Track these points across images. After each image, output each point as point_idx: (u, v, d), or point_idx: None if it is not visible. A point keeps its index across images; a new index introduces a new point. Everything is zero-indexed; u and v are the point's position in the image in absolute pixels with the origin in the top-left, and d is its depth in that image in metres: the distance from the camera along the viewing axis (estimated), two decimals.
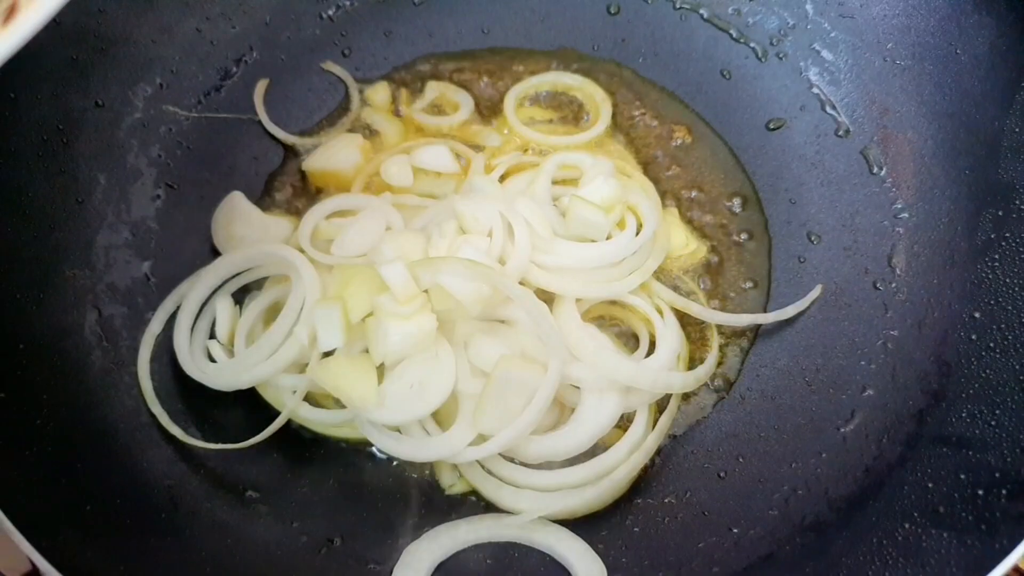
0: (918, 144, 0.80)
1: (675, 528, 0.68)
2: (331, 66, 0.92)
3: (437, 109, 0.92)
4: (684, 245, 0.81)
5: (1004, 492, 0.56)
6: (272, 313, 0.76)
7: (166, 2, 0.85)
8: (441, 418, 0.70)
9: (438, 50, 0.95)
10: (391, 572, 0.65)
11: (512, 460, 0.69)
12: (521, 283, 0.71)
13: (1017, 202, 0.70)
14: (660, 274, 0.79)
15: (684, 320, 0.77)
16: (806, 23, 0.90)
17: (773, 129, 0.88)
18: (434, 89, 0.92)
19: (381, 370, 0.68)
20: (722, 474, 0.70)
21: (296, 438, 0.72)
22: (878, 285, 0.76)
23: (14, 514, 0.54)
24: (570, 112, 0.91)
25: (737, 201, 0.85)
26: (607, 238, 0.76)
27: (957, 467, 0.60)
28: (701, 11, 0.94)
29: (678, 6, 0.95)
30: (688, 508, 0.69)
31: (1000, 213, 0.71)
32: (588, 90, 0.91)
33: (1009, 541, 0.53)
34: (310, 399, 0.72)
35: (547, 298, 0.72)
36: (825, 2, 0.89)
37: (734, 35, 0.93)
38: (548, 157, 0.84)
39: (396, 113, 0.91)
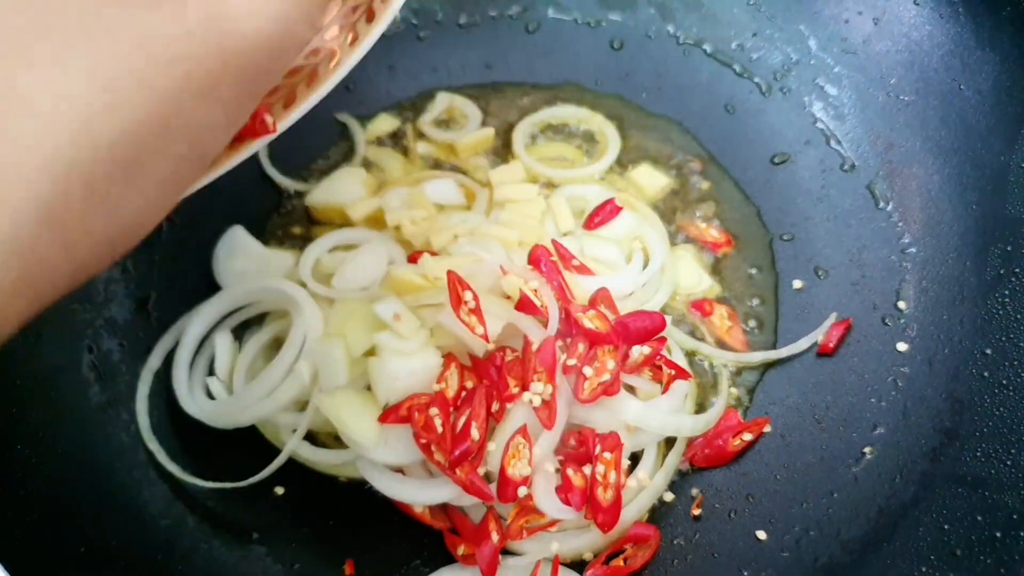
0: (924, 179, 0.80)
1: (684, 570, 0.66)
2: (343, 116, 0.92)
3: (447, 124, 0.92)
4: (697, 283, 0.80)
5: (1023, 535, 0.55)
6: (273, 349, 0.75)
7: None
8: None
9: (441, 85, 0.95)
10: None
11: None
12: None
13: None
14: (668, 311, 0.78)
15: (692, 359, 0.76)
16: (809, 58, 0.90)
17: (778, 163, 0.87)
18: (443, 100, 0.93)
19: None
20: (732, 514, 0.69)
21: (297, 477, 0.70)
22: (887, 321, 0.75)
23: (6, 556, 0.53)
24: (577, 145, 0.91)
25: (744, 236, 0.84)
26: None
27: (973, 508, 0.59)
28: (704, 46, 0.95)
29: (681, 41, 0.95)
30: (697, 550, 0.67)
31: (1009, 248, 0.70)
32: (596, 123, 0.91)
33: None
34: (311, 438, 0.71)
35: None
36: (828, 38, 0.89)
37: (737, 70, 0.93)
38: (557, 190, 0.83)
39: (400, 147, 0.91)
